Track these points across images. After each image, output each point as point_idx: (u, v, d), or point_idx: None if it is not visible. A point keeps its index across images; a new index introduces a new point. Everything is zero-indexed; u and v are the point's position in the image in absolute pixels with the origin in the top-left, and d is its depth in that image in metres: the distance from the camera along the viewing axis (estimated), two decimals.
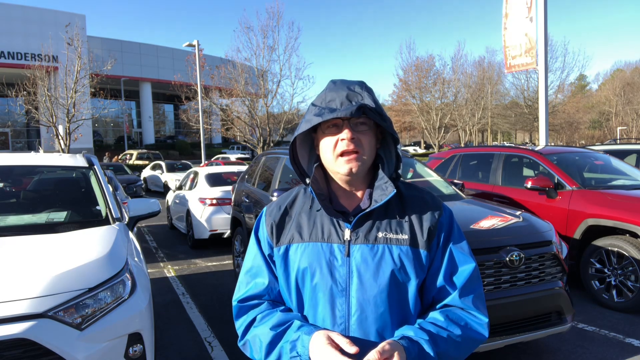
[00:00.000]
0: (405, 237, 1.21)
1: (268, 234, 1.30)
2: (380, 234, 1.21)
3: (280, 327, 1.20)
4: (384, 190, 1.23)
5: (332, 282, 1.19)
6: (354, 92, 1.21)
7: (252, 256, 1.33)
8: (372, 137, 1.23)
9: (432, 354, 1.12)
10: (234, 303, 1.32)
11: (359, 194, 1.27)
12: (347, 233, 1.21)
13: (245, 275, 1.33)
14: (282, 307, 1.27)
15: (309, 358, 1.10)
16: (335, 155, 1.20)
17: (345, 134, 1.18)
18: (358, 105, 1.16)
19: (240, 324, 1.29)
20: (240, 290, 1.32)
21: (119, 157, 31.86)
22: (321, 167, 1.31)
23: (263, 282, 1.29)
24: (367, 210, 1.22)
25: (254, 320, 1.26)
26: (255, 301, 1.29)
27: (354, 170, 1.19)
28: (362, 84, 1.24)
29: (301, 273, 1.22)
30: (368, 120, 1.21)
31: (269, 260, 1.30)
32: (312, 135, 1.32)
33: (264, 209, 1.37)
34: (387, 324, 1.18)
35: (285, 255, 1.25)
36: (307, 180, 1.31)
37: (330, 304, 1.19)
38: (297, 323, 1.19)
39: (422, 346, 1.12)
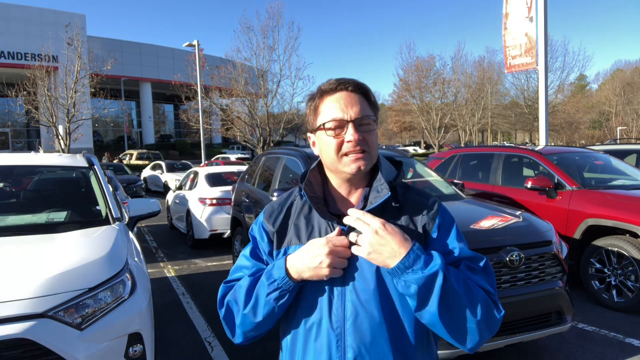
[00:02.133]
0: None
1: (267, 237, 1.29)
2: None
3: (257, 273, 1.23)
4: (379, 192, 1.21)
5: (328, 284, 1.18)
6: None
7: (247, 253, 1.33)
8: (376, 134, 1.23)
9: (439, 262, 1.09)
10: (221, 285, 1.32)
11: (356, 195, 1.25)
12: None
13: (234, 268, 1.33)
14: None
15: (289, 279, 1.14)
16: (340, 156, 1.19)
17: (352, 135, 1.16)
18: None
19: (220, 296, 1.29)
20: (228, 277, 1.33)
21: (117, 157, 31.88)
22: (317, 168, 1.30)
23: (252, 268, 1.29)
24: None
25: (233, 286, 1.28)
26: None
27: (362, 168, 1.18)
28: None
29: None
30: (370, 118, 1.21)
31: (263, 260, 1.30)
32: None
33: (263, 210, 1.36)
34: (383, 330, 1.16)
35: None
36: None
37: (327, 307, 1.18)
38: (272, 263, 1.21)
39: (432, 254, 1.11)
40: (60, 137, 19.55)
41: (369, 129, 1.19)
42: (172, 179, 16.15)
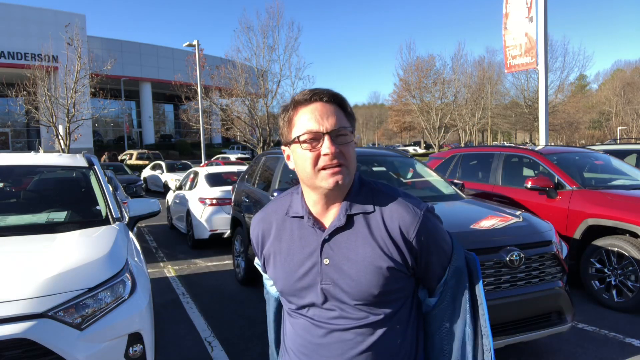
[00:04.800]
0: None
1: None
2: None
3: None
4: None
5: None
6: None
7: None
8: (353, 146, 1.18)
9: None
10: None
11: (334, 208, 1.21)
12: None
13: None
14: None
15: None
16: (317, 170, 1.14)
17: (328, 148, 1.12)
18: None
19: None
20: None
21: (111, 152, 31.99)
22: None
23: None
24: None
25: None
26: None
27: (340, 182, 1.13)
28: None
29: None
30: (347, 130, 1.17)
31: None
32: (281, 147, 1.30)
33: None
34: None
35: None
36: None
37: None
38: None
39: None
40: (60, 137, 19.56)
41: (345, 141, 1.15)
42: (172, 179, 16.15)
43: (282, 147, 1.26)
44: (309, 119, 1.15)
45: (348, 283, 1.16)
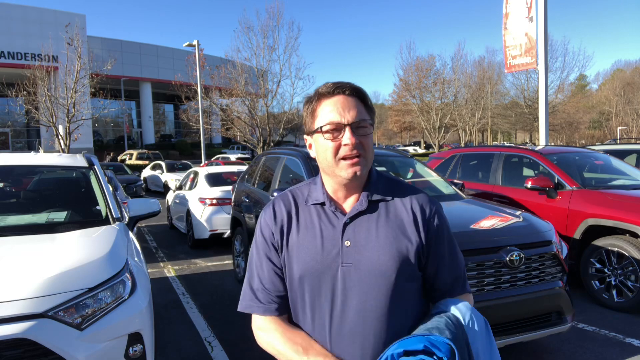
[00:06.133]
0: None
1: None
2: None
3: None
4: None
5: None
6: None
7: None
8: (372, 138, 1.25)
9: None
10: None
11: (353, 196, 1.28)
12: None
13: None
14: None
15: None
16: (337, 159, 1.21)
17: (348, 138, 1.18)
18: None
19: None
20: None
21: (110, 152, 32.16)
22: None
23: None
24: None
25: None
26: None
27: (358, 173, 1.20)
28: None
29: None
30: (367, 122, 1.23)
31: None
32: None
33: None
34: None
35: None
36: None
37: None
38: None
39: None
40: (60, 137, 19.56)
41: (365, 132, 1.22)
42: (172, 179, 16.15)
43: (305, 137, 1.33)
44: (331, 111, 1.21)
45: (368, 265, 1.20)
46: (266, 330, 1.30)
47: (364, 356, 1.19)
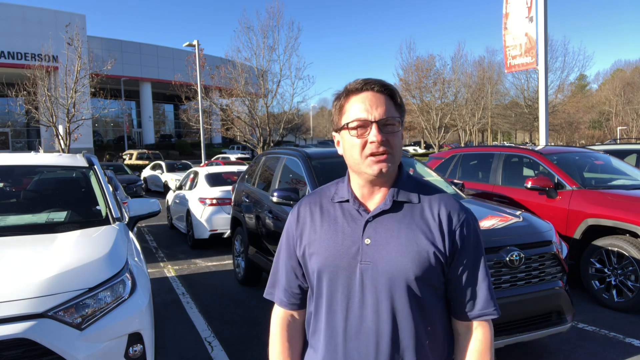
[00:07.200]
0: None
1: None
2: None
3: None
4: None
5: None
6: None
7: None
8: (400, 136, 1.23)
9: None
10: None
11: (379, 195, 1.26)
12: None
13: None
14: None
15: None
16: (364, 156, 1.19)
17: (375, 136, 1.16)
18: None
19: None
20: None
21: (115, 158, 32.13)
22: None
23: None
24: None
25: None
26: None
27: (384, 170, 1.18)
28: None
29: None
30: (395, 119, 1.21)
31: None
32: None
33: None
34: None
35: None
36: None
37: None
38: None
39: None
40: (60, 137, 19.56)
41: (393, 130, 1.19)
42: (172, 179, 16.15)
43: (333, 134, 1.31)
44: (358, 107, 1.19)
45: (386, 265, 1.18)
46: (275, 324, 1.39)
47: (379, 355, 1.18)
